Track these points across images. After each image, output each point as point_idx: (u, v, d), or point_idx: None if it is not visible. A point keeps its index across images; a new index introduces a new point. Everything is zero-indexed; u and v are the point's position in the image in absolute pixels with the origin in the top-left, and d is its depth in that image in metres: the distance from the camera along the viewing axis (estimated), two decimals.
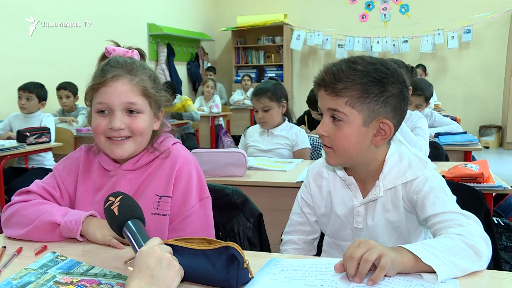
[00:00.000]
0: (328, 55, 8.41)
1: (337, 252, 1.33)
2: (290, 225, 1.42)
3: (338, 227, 1.31)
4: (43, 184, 1.29)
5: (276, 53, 8.83)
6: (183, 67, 8.31)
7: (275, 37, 8.71)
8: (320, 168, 1.37)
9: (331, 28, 8.16)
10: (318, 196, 1.36)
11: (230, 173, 2.16)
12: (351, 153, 1.18)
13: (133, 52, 1.31)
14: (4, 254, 1.09)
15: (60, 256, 1.06)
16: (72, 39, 5.48)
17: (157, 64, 7.51)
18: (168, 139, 1.33)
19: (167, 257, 0.83)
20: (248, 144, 2.78)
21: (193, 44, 8.60)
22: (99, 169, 1.31)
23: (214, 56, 9.42)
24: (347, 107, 1.14)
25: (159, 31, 7.20)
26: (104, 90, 1.20)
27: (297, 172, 2.19)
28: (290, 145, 2.70)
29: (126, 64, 1.23)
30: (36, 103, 3.75)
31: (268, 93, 2.65)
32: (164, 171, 1.26)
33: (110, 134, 1.21)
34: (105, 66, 1.23)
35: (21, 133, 3.39)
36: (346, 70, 1.14)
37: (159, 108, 1.30)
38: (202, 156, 2.15)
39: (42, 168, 3.67)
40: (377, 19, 8.08)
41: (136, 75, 1.23)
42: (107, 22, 6.06)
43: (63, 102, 4.56)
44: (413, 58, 7.67)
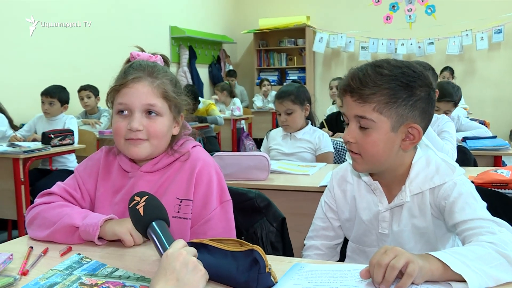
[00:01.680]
0: (351, 57, 8.35)
1: (362, 258, 1.32)
2: (313, 230, 1.42)
3: (362, 232, 1.31)
4: (65, 185, 1.32)
5: (298, 55, 8.82)
6: (205, 69, 8.38)
7: (298, 40, 8.70)
8: (344, 173, 1.36)
9: (354, 30, 8.11)
10: (342, 201, 1.35)
11: (253, 177, 2.16)
12: (379, 159, 1.17)
13: (156, 57, 1.33)
14: (31, 254, 1.11)
15: (85, 257, 1.08)
16: (95, 42, 5.57)
17: (179, 66, 7.58)
18: (188, 142, 1.34)
19: (193, 260, 0.84)
20: (271, 147, 2.78)
21: (215, 46, 8.65)
22: (119, 171, 1.33)
23: (236, 58, 9.46)
24: (375, 113, 1.13)
25: (181, 33, 7.27)
26: (124, 91, 1.22)
27: (320, 176, 2.18)
28: (313, 149, 2.69)
29: (148, 67, 1.25)
30: (59, 107, 3.84)
31: (291, 96, 2.64)
32: (184, 174, 1.27)
33: (129, 136, 1.23)
34: (127, 69, 1.25)
35: (46, 135, 3.46)
36: (372, 75, 1.13)
37: (179, 113, 1.32)
38: (224, 159, 2.16)
39: (65, 170, 3.74)
40: (401, 21, 7.98)
41: (157, 77, 1.24)
42: (130, 25, 6.15)
43: (84, 103, 4.66)
44: (439, 60, 7.56)
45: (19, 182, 3.16)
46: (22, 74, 4.69)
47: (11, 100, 4.31)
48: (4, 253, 1.03)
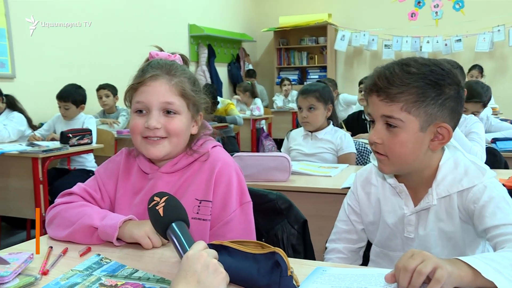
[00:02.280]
0: (374, 56, 8.29)
1: (386, 262, 1.31)
2: (336, 233, 1.41)
3: (387, 236, 1.29)
4: (85, 186, 1.34)
5: (319, 54, 8.79)
6: (224, 68, 8.41)
7: (319, 38, 8.67)
8: (368, 175, 1.35)
9: (377, 27, 8.04)
10: (366, 204, 1.34)
11: (274, 178, 2.17)
12: (407, 160, 1.16)
13: (175, 56, 1.34)
14: (51, 254, 1.13)
15: (105, 258, 1.09)
16: (113, 40, 5.65)
17: (197, 65, 7.62)
18: (208, 142, 1.35)
19: (214, 262, 0.84)
20: (291, 147, 2.78)
21: (234, 45, 8.68)
22: (138, 172, 1.34)
23: (255, 57, 9.47)
24: (402, 113, 1.12)
25: (200, 32, 7.32)
26: (142, 90, 1.24)
27: (343, 177, 2.17)
28: (334, 150, 2.67)
29: (166, 65, 1.26)
30: (74, 109, 3.86)
31: (316, 92, 2.65)
32: (203, 174, 1.27)
33: (146, 134, 1.24)
34: (145, 67, 1.27)
35: (64, 135, 3.51)
36: (400, 74, 1.12)
37: (197, 111, 1.32)
38: (245, 160, 2.17)
39: (83, 170, 3.79)
40: (427, 17, 7.87)
41: (175, 75, 1.25)
42: (148, 24, 6.21)
43: (103, 102, 4.72)
44: (467, 58, 7.42)
45: (37, 181, 3.22)
46: (41, 73, 4.78)
47: (30, 100, 4.40)
48: (24, 252, 1.05)
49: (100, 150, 3.82)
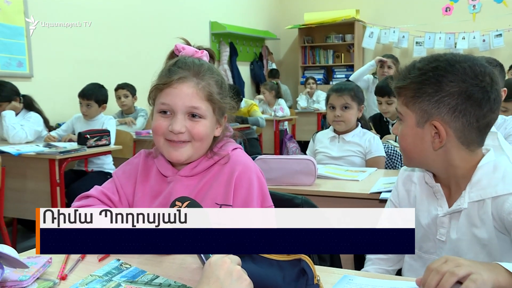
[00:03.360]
0: (404, 54, 8.19)
1: (419, 264, 1.31)
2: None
3: (420, 237, 1.29)
4: (103, 188, 1.36)
5: (346, 52, 8.75)
6: (246, 67, 8.43)
7: (346, 35, 8.63)
8: (411, 172, 1.37)
9: (408, 23, 7.94)
10: (405, 201, 1.36)
11: (299, 182, 2.16)
12: (411, 154, 1.24)
13: (202, 52, 1.34)
14: (69, 258, 1.15)
15: (124, 264, 1.11)
16: (132, 38, 5.72)
17: (219, 64, 7.66)
18: (229, 144, 1.36)
19: (238, 269, 0.85)
20: (317, 150, 2.77)
21: (257, 43, 8.70)
22: (157, 175, 1.35)
23: (279, 55, 9.48)
24: (403, 107, 1.21)
25: (221, 29, 7.36)
26: (168, 91, 1.24)
27: (371, 182, 2.15)
28: (362, 153, 2.65)
29: (194, 66, 1.26)
30: (96, 108, 3.93)
31: (351, 91, 2.65)
32: (223, 178, 1.28)
33: (170, 137, 1.25)
34: (172, 67, 1.26)
35: (82, 135, 3.56)
36: (406, 69, 1.21)
37: (222, 115, 1.33)
38: (268, 162, 2.17)
39: (101, 172, 3.83)
40: (463, 12, 7.71)
41: (203, 79, 1.26)
42: (169, 21, 6.26)
43: (121, 102, 4.78)
44: (508, 55, 7.21)
45: (54, 183, 3.26)
46: (58, 73, 4.87)
47: (47, 99, 4.47)
48: (43, 256, 1.07)
49: (119, 151, 3.86)
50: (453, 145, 1.17)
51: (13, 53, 4.50)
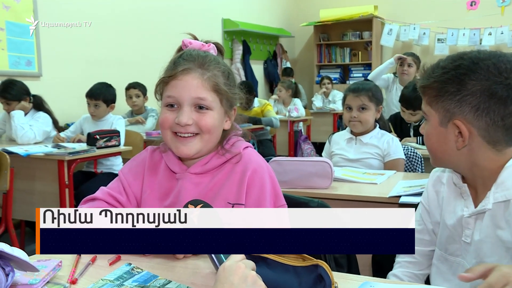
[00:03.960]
0: (425, 52, 8.12)
1: (445, 266, 1.32)
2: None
3: (446, 238, 1.31)
4: (108, 189, 1.35)
5: (363, 50, 8.72)
6: (259, 66, 8.44)
7: (363, 32, 8.60)
8: (441, 173, 1.39)
9: (429, 19, 7.87)
10: (435, 203, 1.38)
11: (314, 185, 2.16)
12: (436, 153, 1.27)
13: (209, 46, 1.36)
14: (79, 262, 1.16)
15: (136, 268, 1.11)
16: (142, 36, 5.75)
17: (231, 63, 7.68)
18: (240, 142, 1.36)
19: (253, 275, 0.85)
20: (333, 152, 2.76)
21: (271, 41, 8.71)
22: (166, 170, 1.36)
23: (293, 54, 9.47)
24: (427, 106, 1.24)
25: (234, 27, 7.37)
26: (174, 84, 1.26)
27: (389, 185, 2.15)
28: (381, 155, 2.64)
29: (199, 58, 1.27)
30: (105, 108, 3.95)
31: (369, 91, 2.64)
32: (235, 176, 1.28)
33: (177, 129, 1.26)
34: (177, 59, 1.28)
35: (91, 136, 3.58)
36: (430, 68, 1.23)
37: (231, 107, 1.34)
38: (283, 165, 2.17)
39: (110, 173, 3.85)
40: (491, 5, 7.56)
41: (208, 69, 1.27)
42: (180, 18, 6.29)
43: (132, 102, 4.82)
44: None
45: (63, 185, 3.29)
46: (68, 72, 4.92)
47: (56, 99, 4.51)
48: (53, 259, 1.09)
49: (128, 152, 3.87)
50: (478, 144, 1.18)
51: (22, 52, 4.55)
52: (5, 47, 4.40)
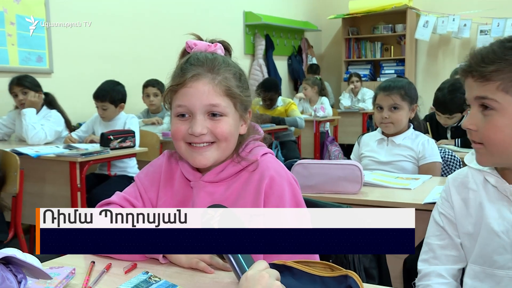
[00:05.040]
0: (465, 45, 7.98)
1: (488, 284, 1.26)
2: (428, 251, 1.37)
3: (493, 249, 1.25)
4: (125, 194, 1.38)
5: (396, 44, 8.65)
6: (283, 62, 8.45)
7: (396, 25, 8.52)
8: (464, 178, 1.34)
9: (471, 9, 7.71)
10: (463, 212, 1.32)
11: (342, 189, 2.15)
12: (507, 148, 1.16)
13: (216, 46, 1.35)
14: (93, 270, 1.18)
15: (153, 276, 1.12)
16: (160, 31, 5.81)
17: (253, 59, 7.70)
18: (258, 149, 1.36)
19: (278, 285, 0.85)
20: (363, 154, 2.75)
21: (296, 35, 8.71)
22: (181, 178, 1.37)
23: (320, 49, 9.45)
24: (499, 93, 1.14)
25: (257, 20, 7.39)
26: (183, 92, 1.26)
27: (424, 191, 2.12)
28: (415, 158, 2.62)
29: (207, 61, 1.27)
30: (113, 109, 3.95)
31: (401, 90, 2.61)
32: (251, 186, 1.29)
33: (191, 140, 1.27)
34: (184, 65, 1.28)
35: (105, 136, 3.62)
36: (498, 50, 1.15)
37: (245, 110, 1.34)
38: (308, 168, 2.17)
39: (125, 176, 3.89)
40: None
41: (219, 73, 1.27)
42: (199, 12, 6.33)
43: (150, 101, 4.85)
44: None
45: (75, 188, 3.32)
46: (80, 68, 4.99)
47: (68, 97, 4.58)
48: (66, 267, 1.11)
49: (144, 154, 3.90)
50: None
51: (33, 47, 4.63)
52: (15, 42, 4.48)
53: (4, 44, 4.43)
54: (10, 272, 0.94)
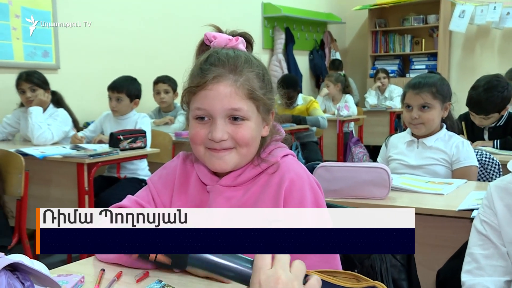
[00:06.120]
0: (507, 37, 7.85)
1: None
2: (471, 262, 1.37)
3: None
4: (137, 198, 1.39)
5: (428, 37, 8.59)
6: (304, 57, 8.44)
7: (428, 16, 8.46)
8: (508, 185, 1.35)
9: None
10: (508, 219, 1.32)
11: (368, 195, 2.15)
12: None
13: (237, 40, 1.34)
14: (103, 278, 1.20)
15: (167, 286, 1.14)
16: (172, 25, 5.85)
17: (272, 54, 7.70)
18: (279, 150, 1.37)
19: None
20: (391, 156, 2.74)
21: (318, 28, 8.69)
22: (196, 181, 1.38)
23: (344, 43, 9.42)
24: None
25: (276, 12, 7.40)
26: (203, 94, 1.25)
27: (459, 197, 2.11)
28: (448, 161, 2.60)
29: (229, 60, 1.26)
30: (128, 103, 4.00)
31: (432, 87, 2.59)
32: (270, 189, 1.29)
33: (211, 146, 1.27)
34: (204, 64, 1.27)
35: (114, 136, 3.63)
36: None
37: (268, 111, 1.34)
38: (332, 171, 2.17)
39: (135, 179, 3.91)
40: None
41: (241, 74, 1.26)
42: (214, 3, 6.35)
43: (160, 98, 4.87)
44: None
45: (82, 191, 3.34)
46: (88, 64, 5.04)
47: (75, 94, 4.63)
48: (74, 274, 1.12)
49: (156, 155, 3.92)
50: None
51: (39, 42, 4.67)
52: (21, 36, 4.51)
53: (9, 38, 4.46)
54: (17, 280, 0.96)
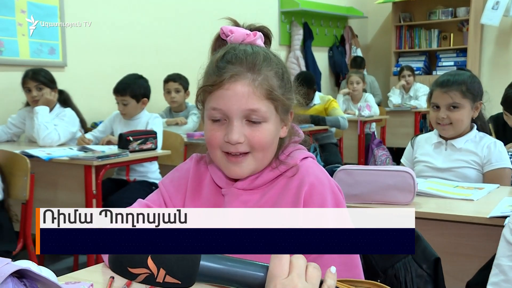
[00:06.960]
0: None
1: None
2: (499, 274, 1.37)
3: None
4: (148, 202, 1.40)
5: (457, 32, 8.51)
6: (323, 54, 8.43)
7: (458, 9, 8.37)
8: None
9: None
10: None
11: (392, 200, 2.14)
12: None
13: (255, 35, 1.34)
14: (113, 286, 1.20)
15: None
16: (185, 20, 5.88)
17: (289, 50, 7.71)
18: (298, 152, 1.37)
19: None
20: (417, 158, 2.73)
21: (338, 23, 8.68)
22: (211, 185, 1.39)
23: (366, 39, 9.40)
24: None
25: (294, 6, 7.40)
26: (219, 94, 1.25)
27: (490, 203, 2.09)
28: (479, 164, 2.58)
29: (247, 58, 1.26)
30: (135, 104, 4.00)
31: (462, 86, 2.57)
32: (289, 193, 1.29)
33: (227, 149, 1.27)
34: (220, 62, 1.27)
35: (124, 137, 3.65)
36: None
37: (287, 112, 1.34)
38: (353, 174, 2.16)
39: (145, 182, 3.93)
40: None
41: (260, 72, 1.26)
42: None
43: (171, 98, 4.89)
44: None
45: (90, 195, 3.35)
46: (96, 62, 5.08)
47: (82, 93, 4.67)
48: (83, 282, 1.13)
49: (167, 157, 3.94)
50: None
51: (45, 38, 4.71)
52: (26, 33, 4.54)
53: (14, 34, 4.51)
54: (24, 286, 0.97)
